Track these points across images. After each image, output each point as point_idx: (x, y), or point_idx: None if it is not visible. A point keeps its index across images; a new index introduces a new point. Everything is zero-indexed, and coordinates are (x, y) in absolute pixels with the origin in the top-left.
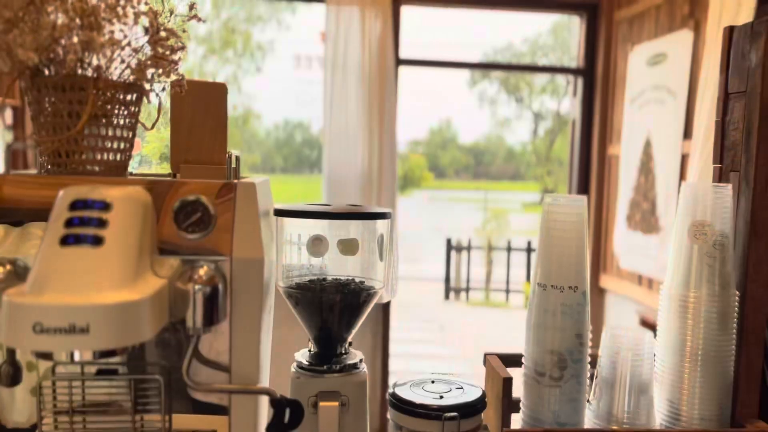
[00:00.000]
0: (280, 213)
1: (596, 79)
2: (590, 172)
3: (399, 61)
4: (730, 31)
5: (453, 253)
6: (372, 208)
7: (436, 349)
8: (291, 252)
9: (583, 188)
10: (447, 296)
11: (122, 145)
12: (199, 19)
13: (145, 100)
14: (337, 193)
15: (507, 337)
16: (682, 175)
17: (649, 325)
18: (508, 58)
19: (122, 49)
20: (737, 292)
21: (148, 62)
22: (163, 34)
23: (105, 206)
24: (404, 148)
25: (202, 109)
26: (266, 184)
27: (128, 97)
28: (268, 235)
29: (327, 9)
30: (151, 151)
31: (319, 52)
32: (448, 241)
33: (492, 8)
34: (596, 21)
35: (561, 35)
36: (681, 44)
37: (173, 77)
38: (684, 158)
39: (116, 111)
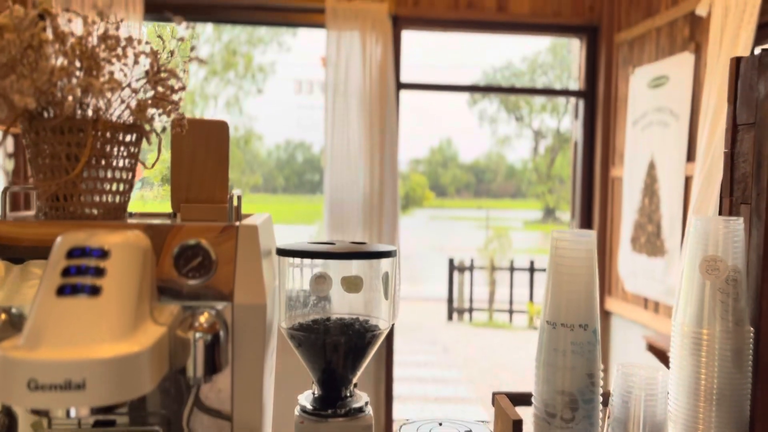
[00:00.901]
0: (283, 253)
1: (597, 101)
2: (593, 193)
3: (400, 85)
4: (737, 62)
5: (455, 274)
6: (376, 246)
7: (440, 372)
8: (294, 291)
9: (586, 210)
10: (450, 317)
11: (121, 187)
12: (201, 61)
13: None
14: (339, 218)
15: (511, 359)
16: (687, 198)
17: (658, 352)
18: (507, 77)
19: (122, 89)
20: (752, 329)
21: (149, 102)
22: (163, 74)
23: (103, 254)
24: (405, 167)
25: (202, 147)
26: (268, 222)
27: (128, 138)
28: (270, 275)
29: (327, 34)
30: (152, 173)
31: (319, 76)
32: (451, 262)
33: (492, 32)
34: (596, 43)
35: (560, 54)
36: (682, 67)
37: (173, 116)
38: (688, 180)
39: (116, 152)
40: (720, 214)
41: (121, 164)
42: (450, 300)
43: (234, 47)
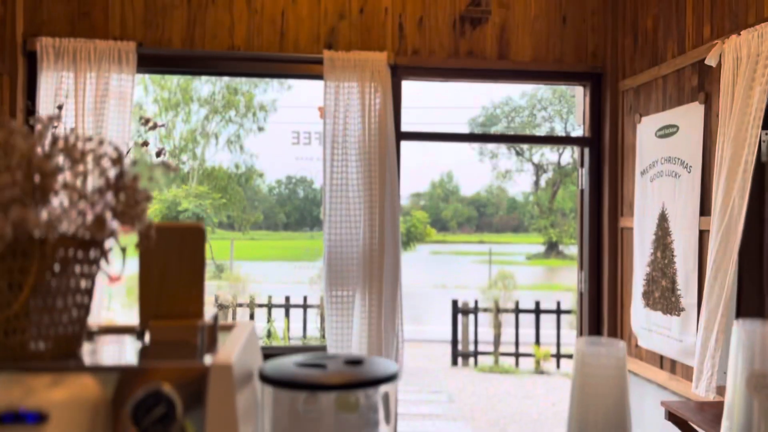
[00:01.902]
0: (268, 380)
1: (604, 148)
2: (602, 244)
3: (400, 135)
4: None
5: (459, 316)
6: (375, 363)
7: (446, 426)
8: (280, 415)
9: (595, 261)
10: (454, 362)
11: (75, 314)
12: (171, 168)
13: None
14: (338, 272)
15: (519, 408)
16: (702, 253)
17: (679, 421)
18: (506, 113)
19: (79, 200)
20: None
21: (109, 215)
22: (127, 180)
23: (40, 418)
24: (406, 202)
25: (175, 257)
26: (250, 338)
27: (85, 256)
28: (252, 402)
29: (325, 85)
30: (152, 212)
31: (317, 127)
32: (455, 303)
33: (493, 81)
34: (601, 90)
35: (559, 89)
36: (692, 117)
37: (139, 227)
38: (702, 234)
39: (69, 276)
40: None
41: (75, 288)
42: (454, 343)
43: (235, 86)
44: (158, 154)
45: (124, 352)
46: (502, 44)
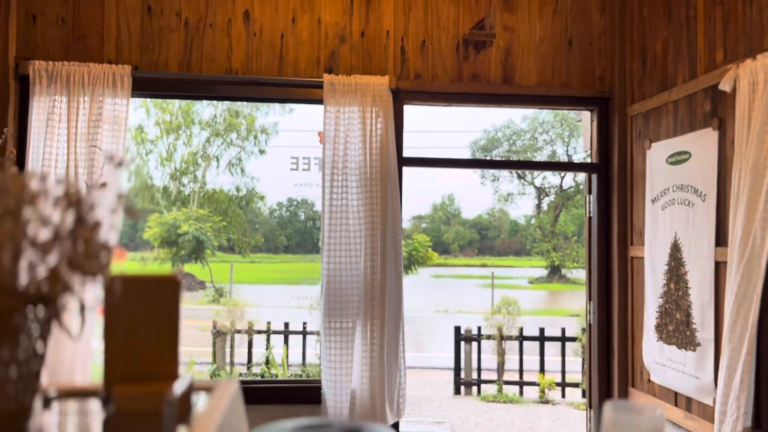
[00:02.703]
0: None
1: (612, 175)
2: (611, 273)
3: (402, 161)
4: None
5: (462, 344)
6: (374, 429)
7: None
8: None
9: (604, 291)
10: (457, 390)
11: (22, 385)
12: (133, 216)
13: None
14: (337, 305)
15: None
16: (718, 286)
17: None
18: (508, 135)
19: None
20: None
21: (65, 268)
22: (90, 226)
23: None
24: (407, 224)
25: (145, 311)
26: (234, 403)
27: (33, 315)
28: None
29: (326, 109)
30: (152, 235)
31: (317, 152)
32: (457, 330)
33: (497, 105)
34: (608, 115)
35: (561, 112)
36: (705, 143)
37: (102, 281)
38: (719, 266)
39: (16, 337)
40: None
41: (24, 354)
42: (457, 371)
43: (237, 108)
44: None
45: (83, 427)
46: (507, 68)
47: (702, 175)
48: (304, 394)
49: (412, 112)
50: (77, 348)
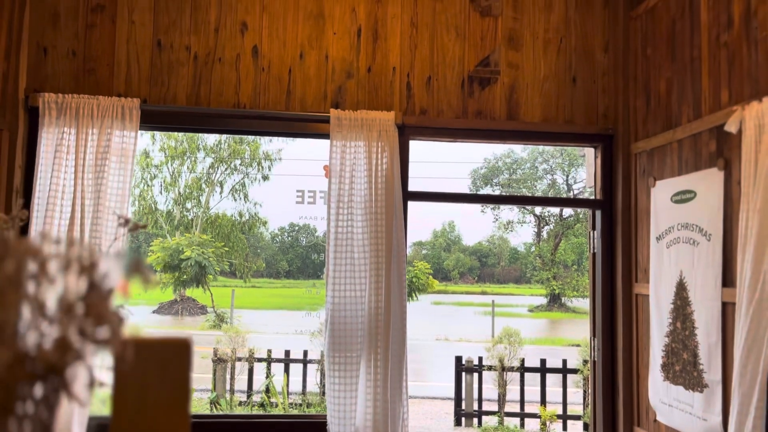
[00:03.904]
0: None
1: (616, 212)
2: (615, 310)
3: (407, 195)
4: None
5: (463, 374)
6: None
7: None
8: None
9: (609, 328)
10: (458, 422)
11: None
12: (148, 281)
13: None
14: (342, 337)
15: None
16: (725, 327)
17: None
18: (508, 164)
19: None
20: None
21: (75, 336)
22: (96, 298)
23: None
24: (408, 251)
25: (155, 376)
26: None
27: (42, 385)
28: None
29: (332, 144)
30: (155, 260)
31: (322, 185)
32: (458, 361)
33: (501, 142)
34: (612, 152)
35: None
36: (710, 183)
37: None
38: (725, 306)
39: (23, 409)
40: None
41: (29, 427)
42: (458, 402)
43: (242, 135)
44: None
45: None
46: (512, 105)
47: (707, 214)
48: (307, 430)
49: (415, 143)
50: (74, 409)
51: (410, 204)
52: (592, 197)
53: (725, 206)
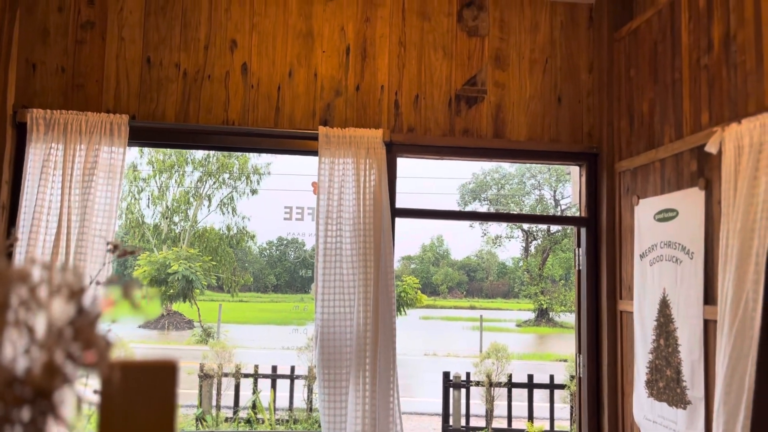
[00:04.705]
0: None
1: (601, 230)
2: (600, 327)
3: (395, 212)
4: None
5: (451, 390)
6: None
7: None
8: None
9: (594, 345)
10: None
11: None
12: (136, 306)
13: None
14: (332, 353)
15: None
16: (707, 344)
17: None
18: (497, 180)
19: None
20: None
21: (63, 360)
22: (83, 323)
23: None
24: (397, 265)
25: (142, 398)
26: None
27: (29, 410)
28: None
29: (320, 161)
30: (141, 274)
31: (310, 202)
32: (446, 376)
33: (488, 159)
34: (597, 171)
35: None
36: (692, 202)
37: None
38: (707, 324)
39: None
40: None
41: None
42: (445, 418)
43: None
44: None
45: None
46: (498, 123)
47: (689, 233)
48: None
49: (403, 159)
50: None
51: (398, 219)
52: (578, 214)
53: (706, 225)
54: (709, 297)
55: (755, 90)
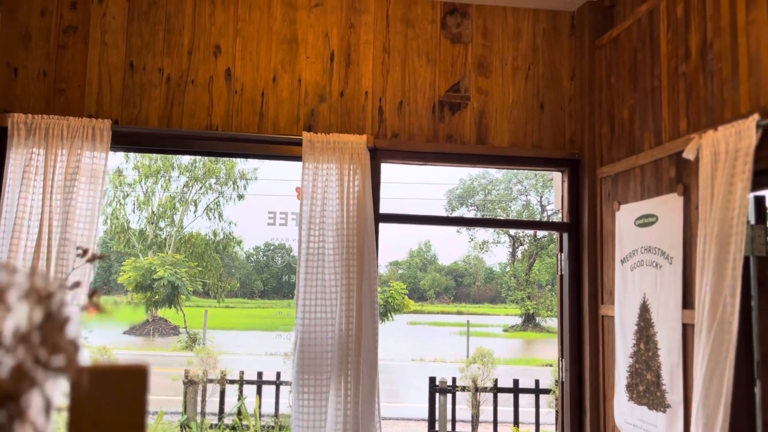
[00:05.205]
0: None
1: (583, 235)
2: (582, 331)
3: (379, 217)
4: None
5: (437, 395)
6: None
7: None
8: None
9: (576, 349)
10: None
11: None
12: (101, 310)
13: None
14: (312, 360)
15: None
16: (686, 348)
17: None
18: (484, 185)
19: None
20: None
21: (31, 364)
22: (52, 327)
23: None
24: (385, 270)
25: (112, 403)
26: None
27: None
28: None
29: (304, 166)
30: (126, 280)
31: (294, 207)
32: (432, 381)
33: (471, 165)
34: (579, 177)
35: None
36: (671, 208)
37: (69, 372)
38: (686, 328)
39: None
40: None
41: None
42: (431, 423)
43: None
44: (92, 294)
45: None
46: (481, 129)
47: (668, 238)
48: None
49: (392, 165)
50: None
51: (387, 224)
52: (561, 220)
53: (685, 230)
54: (688, 301)
55: (731, 97)
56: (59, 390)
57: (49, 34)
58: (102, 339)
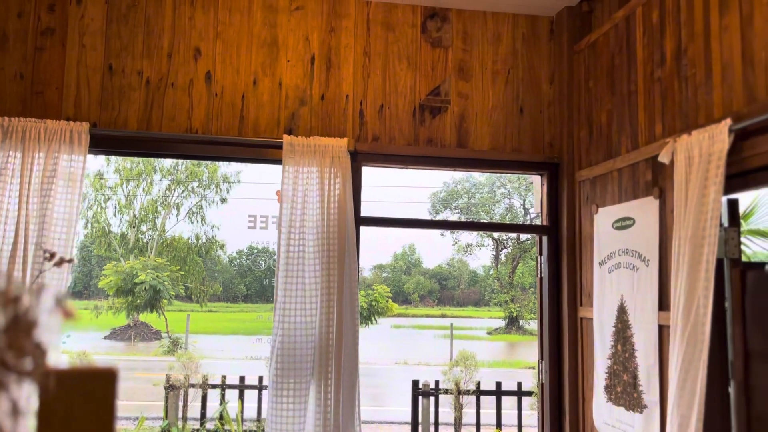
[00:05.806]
0: None
1: (562, 238)
2: (562, 333)
3: (360, 221)
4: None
5: (420, 399)
6: None
7: None
8: None
9: (556, 351)
10: None
11: None
12: (69, 315)
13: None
14: (290, 364)
15: None
16: (662, 349)
17: None
18: (467, 188)
19: None
20: None
21: None
22: (22, 326)
23: None
24: (369, 274)
25: (80, 406)
26: None
27: None
28: None
29: (284, 169)
30: (107, 284)
31: (274, 210)
32: (415, 385)
33: (451, 169)
34: (558, 180)
35: None
36: (647, 211)
37: (37, 375)
38: (662, 329)
39: None
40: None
41: None
42: (414, 427)
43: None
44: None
45: None
46: (461, 133)
47: (645, 241)
48: None
49: (373, 168)
50: None
51: (370, 228)
52: (540, 223)
53: (660, 233)
54: (664, 303)
55: (705, 102)
56: (27, 393)
57: (27, 36)
58: (82, 344)
